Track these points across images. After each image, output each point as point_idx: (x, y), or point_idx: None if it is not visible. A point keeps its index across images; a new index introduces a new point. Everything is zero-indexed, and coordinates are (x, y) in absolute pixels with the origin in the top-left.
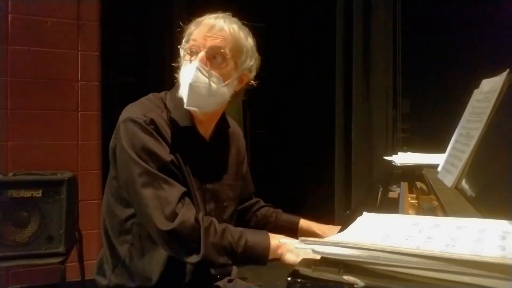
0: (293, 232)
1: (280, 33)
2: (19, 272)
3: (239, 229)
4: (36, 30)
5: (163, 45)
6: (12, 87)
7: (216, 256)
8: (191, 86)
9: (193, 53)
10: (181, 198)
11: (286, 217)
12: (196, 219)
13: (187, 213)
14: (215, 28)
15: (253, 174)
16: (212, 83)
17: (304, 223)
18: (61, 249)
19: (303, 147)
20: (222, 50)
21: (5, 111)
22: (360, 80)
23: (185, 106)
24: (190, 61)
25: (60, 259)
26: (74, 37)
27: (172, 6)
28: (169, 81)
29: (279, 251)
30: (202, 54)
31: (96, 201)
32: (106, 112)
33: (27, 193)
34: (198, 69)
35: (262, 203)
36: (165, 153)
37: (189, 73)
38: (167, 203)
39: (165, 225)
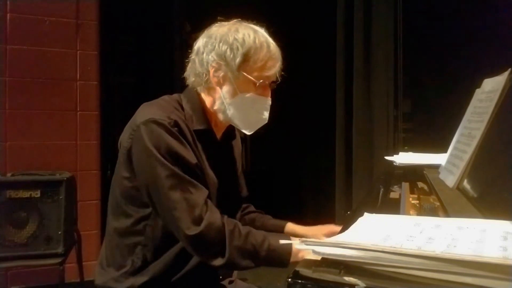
0: None
1: (280, 33)
2: (18, 272)
3: (262, 232)
4: (34, 29)
5: (163, 45)
6: (10, 86)
7: (240, 259)
8: (264, 121)
9: (264, 85)
10: (206, 201)
11: (273, 221)
12: (222, 222)
13: (213, 216)
14: (280, 61)
15: (253, 174)
16: None
17: (290, 226)
18: (60, 249)
19: (304, 147)
20: None
21: (3, 111)
22: (361, 80)
23: (248, 133)
24: (260, 93)
25: (58, 259)
26: (73, 37)
27: (171, 6)
28: (169, 81)
29: (300, 255)
30: (269, 90)
31: (95, 201)
32: (105, 112)
33: (25, 194)
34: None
35: (252, 208)
36: (190, 156)
37: (266, 110)
38: (195, 206)
39: (192, 229)
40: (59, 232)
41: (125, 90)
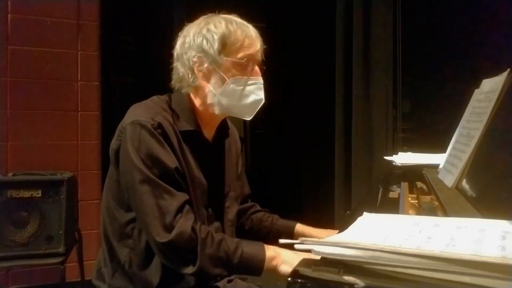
0: (289, 236)
1: (280, 33)
2: (19, 272)
3: (236, 240)
4: (35, 30)
5: (163, 45)
6: (11, 87)
7: (211, 268)
8: (261, 101)
9: (250, 65)
10: (180, 208)
11: (282, 221)
12: (193, 230)
13: (184, 224)
14: (260, 41)
15: (253, 174)
16: None
17: (300, 227)
18: (61, 249)
19: (303, 147)
20: None
21: (4, 111)
22: (360, 80)
23: (248, 118)
24: (248, 75)
25: (59, 259)
26: (74, 37)
27: (172, 6)
28: (169, 81)
29: (274, 263)
30: (258, 70)
31: (96, 201)
32: (106, 112)
33: (26, 193)
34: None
35: (258, 207)
36: (170, 160)
37: (259, 89)
38: (166, 213)
39: (162, 237)
40: (60, 232)
41: (126, 90)
